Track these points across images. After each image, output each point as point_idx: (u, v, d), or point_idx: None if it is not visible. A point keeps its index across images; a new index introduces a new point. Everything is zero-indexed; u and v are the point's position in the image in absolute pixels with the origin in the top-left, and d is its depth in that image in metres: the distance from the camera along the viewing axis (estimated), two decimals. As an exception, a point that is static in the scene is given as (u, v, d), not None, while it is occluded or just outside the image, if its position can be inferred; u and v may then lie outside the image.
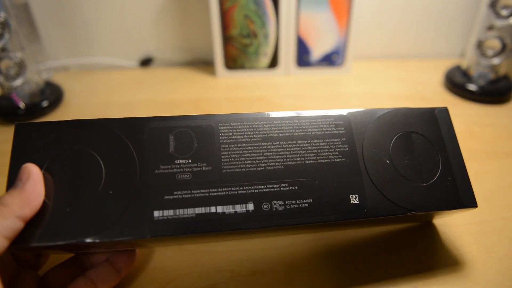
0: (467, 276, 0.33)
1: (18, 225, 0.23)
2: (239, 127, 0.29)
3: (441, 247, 0.36)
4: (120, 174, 0.26)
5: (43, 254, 0.30)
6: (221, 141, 0.28)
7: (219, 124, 0.29)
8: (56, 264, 0.30)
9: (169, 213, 0.26)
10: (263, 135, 0.29)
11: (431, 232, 0.37)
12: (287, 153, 0.29)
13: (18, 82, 0.53)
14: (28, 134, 0.26)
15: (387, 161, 0.30)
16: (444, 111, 0.33)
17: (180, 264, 0.34)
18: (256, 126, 0.29)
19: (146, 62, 0.69)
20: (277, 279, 0.33)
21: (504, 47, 0.57)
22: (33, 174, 0.24)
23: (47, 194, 0.25)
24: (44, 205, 0.25)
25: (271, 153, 0.29)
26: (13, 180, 0.25)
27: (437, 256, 0.35)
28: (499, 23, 0.55)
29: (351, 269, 0.34)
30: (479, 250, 0.35)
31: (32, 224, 0.24)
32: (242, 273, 0.33)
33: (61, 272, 0.29)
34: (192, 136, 0.28)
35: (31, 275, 0.28)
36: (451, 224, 0.38)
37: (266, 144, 0.29)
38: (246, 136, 0.29)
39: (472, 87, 0.60)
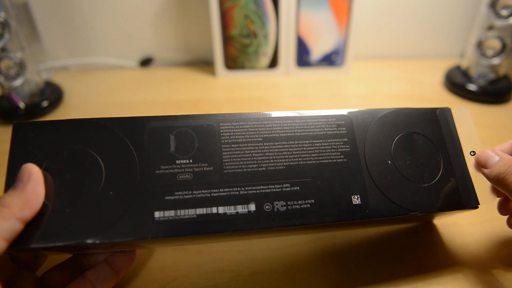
0: (467, 276, 0.33)
1: (18, 227, 0.23)
2: (241, 127, 0.29)
3: (441, 247, 0.36)
4: (120, 175, 0.26)
5: (41, 254, 0.30)
6: (222, 141, 0.28)
7: (220, 124, 0.29)
8: (55, 264, 0.30)
9: (170, 213, 0.25)
10: (264, 135, 0.29)
11: (431, 232, 0.37)
12: (288, 153, 0.29)
13: (18, 82, 0.53)
14: (26, 134, 0.26)
15: (389, 162, 0.30)
16: (446, 111, 0.33)
17: (180, 264, 0.34)
18: (258, 126, 0.29)
19: (146, 62, 0.69)
20: (277, 279, 0.33)
21: (504, 47, 0.57)
22: (34, 175, 0.24)
23: (46, 195, 0.25)
24: (44, 206, 0.24)
25: (273, 153, 0.28)
26: (11, 180, 0.24)
27: (437, 256, 0.35)
28: (499, 23, 0.55)
29: (351, 269, 0.34)
30: (479, 250, 0.35)
31: (32, 225, 0.24)
32: (242, 273, 0.33)
33: (60, 272, 0.29)
34: (193, 136, 0.28)
35: (30, 275, 0.28)
36: (451, 224, 0.38)
37: (267, 144, 0.29)
38: (248, 136, 0.29)
39: (472, 87, 0.60)
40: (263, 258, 0.34)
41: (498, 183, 0.29)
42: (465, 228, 0.38)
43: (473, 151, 0.32)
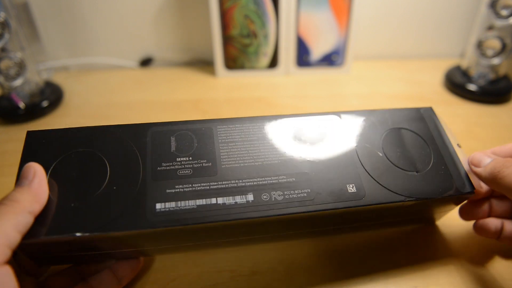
0: (467, 276, 0.33)
1: (29, 220, 0.23)
2: (236, 128, 0.31)
3: (441, 247, 0.36)
4: (124, 172, 0.28)
5: (44, 263, 0.30)
6: (219, 140, 0.30)
7: (218, 127, 0.31)
8: (57, 270, 0.30)
9: (171, 205, 0.27)
10: (259, 134, 0.31)
11: (431, 232, 0.37)
12: (283, 149, 0.30)
13: (18, 82, 0.53)
14: (37, 140, 0.28)
15: (380, 154, 0.31)
16: (429, 111, 0.35)
17: (180, 264, 0.34)
18: (253, 127, 0.32)
19: (146, 62, 0.69)
20: (277, 279, 0.33)
21: (504, 47, 0.57)
22: (38, 171, 0.25)
23: (53, 191, 0.26)
24: (50, 201, 0.26)
25: (268, 150, 0.30)
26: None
27: (437, 257, 0.35)
28: (499, 23, 0.55)
29: (351, 269, 0.34)
30: (479, 250, 0.35)
31: (39, 219, 0.25)
32: (242, 273, 0.33)
33: (61, 278, 0.29)
34: (192, 137, 0.30)
35: (30, 279, 0.28)
36: (451, 224, 0.38)
37: (262, 142, 0.31)
38: (243, 136, 0.31)
39: (472, 87, 0.60)
40: (263, 258, 0.34)
41: (492, 180, 0.29)
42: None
43: (458, 144, 0.33)
